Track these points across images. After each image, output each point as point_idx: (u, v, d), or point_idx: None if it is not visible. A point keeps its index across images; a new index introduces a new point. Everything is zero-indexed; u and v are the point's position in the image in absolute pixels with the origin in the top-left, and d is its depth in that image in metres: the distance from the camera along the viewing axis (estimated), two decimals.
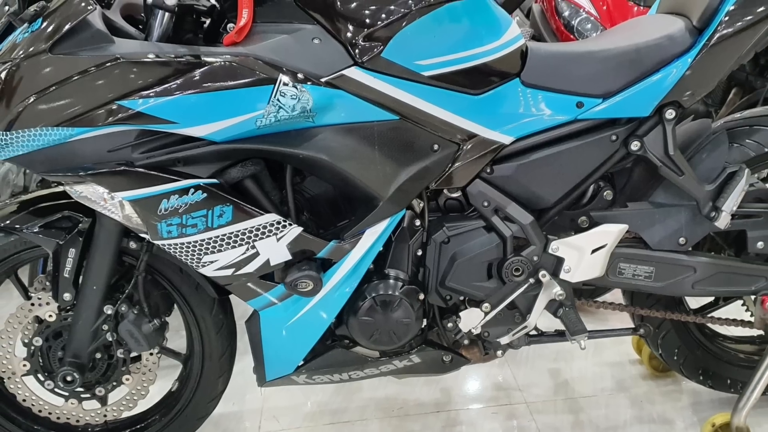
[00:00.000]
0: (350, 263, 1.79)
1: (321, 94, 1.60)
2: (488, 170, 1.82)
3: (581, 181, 1.88)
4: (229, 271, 1.75)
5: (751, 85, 3.17)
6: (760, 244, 2.02)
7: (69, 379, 1.95)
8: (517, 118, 1.78)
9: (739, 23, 1.79)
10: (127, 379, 2.05)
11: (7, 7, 1.69)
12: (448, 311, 1.98)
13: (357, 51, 1.62)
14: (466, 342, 2.01)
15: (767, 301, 2.07)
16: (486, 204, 1.84)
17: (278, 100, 1.57)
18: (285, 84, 1.57)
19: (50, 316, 1.96)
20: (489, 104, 1.75)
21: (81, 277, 1.91)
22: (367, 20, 1.61)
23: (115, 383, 2.05)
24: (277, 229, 1.71)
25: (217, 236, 1.69)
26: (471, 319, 1.97)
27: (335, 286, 1.81)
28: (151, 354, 2.04)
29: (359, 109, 1.64)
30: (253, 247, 1.72)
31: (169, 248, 1.72)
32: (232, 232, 1.69)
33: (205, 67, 1.55)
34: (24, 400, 2.07)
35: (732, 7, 1.79)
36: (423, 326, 1.96)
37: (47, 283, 1.95)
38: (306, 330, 1.88)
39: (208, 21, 1.78)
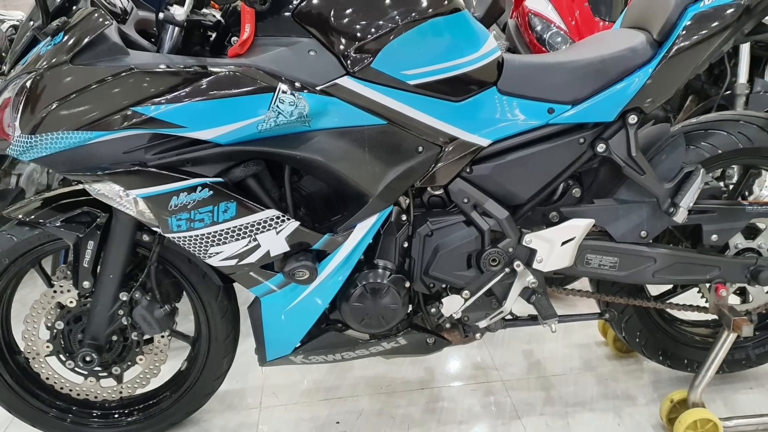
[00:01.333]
0: (343, 254, 1.80)
1: (316, 101, 1.61)
2: (468, 170, 1.83)
3: (552, 180, 1.89)
4: (233, 261, 1.76)
5: (706, 93, 3.18)
6: (714, 237, 2.04)
7: (88, 359, 1.97)
8: (494, 122, 1.79)
9: (695, 37, 1.80)
10: (141, 359, 2.06)
11: (31, 22, 1.69)
12: (431, 298, 1.99)
13: (349, 62, 1.62)
14: (447, 326, 2.02)
15: (720, 288, 2.09)
16: (466, 200, 1.85)
17: (277, 106, 1.58)
18: (284, 92, 1.57)
19: (71, 302, 1.98)
20: (468, 110, 1.76)
21: (99, 267, 1.92)
22: (358, 34, 1.62)
23: (129, 363, 2.06)
24: (277, 223, 1.72)
25: (222, 230, 1.70)
26: (452, 305, 1.98)
27: (329, 275, 1.82)
28: (162, 336, 2.05)
29: (351, 114, 1.65)
30: (255, 239, 1.73)
31: (178, 241, 1.72)
32: (236, 226, 1.70)
33: (212, 77, 1.56)
34: (47, 379, 2.08)
35: (689, 22, 1.80)
36: (408, 311, 1.97)
37: (68, 273, 1.96)
38: (303, 315, 1.89)
39: (214, 35, 1.78)
